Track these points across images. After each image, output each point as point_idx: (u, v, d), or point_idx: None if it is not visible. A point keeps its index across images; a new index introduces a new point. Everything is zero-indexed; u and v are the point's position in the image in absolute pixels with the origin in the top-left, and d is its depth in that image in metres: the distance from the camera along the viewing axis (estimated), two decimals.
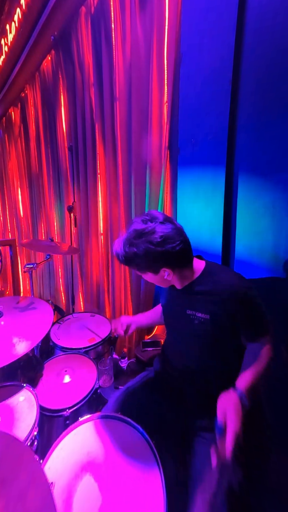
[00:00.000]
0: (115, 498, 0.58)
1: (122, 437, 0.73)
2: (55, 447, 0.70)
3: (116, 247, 0.74)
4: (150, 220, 0.71)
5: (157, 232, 0.68)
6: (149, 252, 0.69)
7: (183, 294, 0.83)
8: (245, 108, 0.95)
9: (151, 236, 0.68)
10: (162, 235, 0.68)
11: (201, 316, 0.77)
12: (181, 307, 0.83)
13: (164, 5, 1.19)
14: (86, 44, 1.70)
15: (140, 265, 0.75)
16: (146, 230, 0.69)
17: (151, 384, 0.96)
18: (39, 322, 1.05)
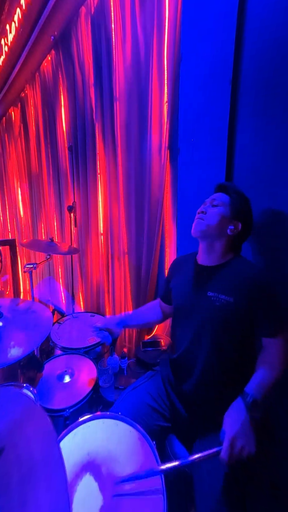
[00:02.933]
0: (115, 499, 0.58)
1: (122, 437, 0.73)
2: None
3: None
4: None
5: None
6: (248, 202, 0.82)
7: (208, 273, 0.83)
8: (245, 108, 0.95)
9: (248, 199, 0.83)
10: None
11: (224, 298, 0.76)
12: (202, 288, 0.82)
13: (164, 5, 1.19)
14: (86, 44, 1.70)
15: (235, 200, 0.82)
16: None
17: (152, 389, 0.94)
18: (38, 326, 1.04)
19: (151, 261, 1.46)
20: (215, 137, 1.04)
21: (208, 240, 0.83)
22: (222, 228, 0.80)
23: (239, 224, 0.80)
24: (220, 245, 0.82)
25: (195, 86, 1.09)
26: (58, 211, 2.41)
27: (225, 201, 0.82)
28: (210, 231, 0.81)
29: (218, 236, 0.81)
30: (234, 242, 0.83)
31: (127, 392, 0.96)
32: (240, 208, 0.81)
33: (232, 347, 0.78)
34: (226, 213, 0.80)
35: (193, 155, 1.15)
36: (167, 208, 1.41)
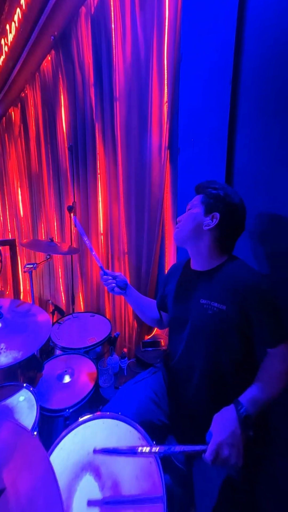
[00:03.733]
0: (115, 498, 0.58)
1: (122, 437, 0.73)
2: (55, 447, 0.70)
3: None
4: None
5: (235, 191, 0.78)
6: (223, 189, 0.77)
7: (200, 279, 0.80)
8: (245, 108, 0.95)
9: (229, 188, 0.78)
10: (236, 195, 0.78)
11: (217, 306, 0.73)
12: (195, 295, 0.79)
13: (164, 5, 1.19)
14: (86, 44, 1.70)
15: (207, 193, 0.78)
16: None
17: (155, 384, 0.94)
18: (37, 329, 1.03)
19: (151, 261, 1.46)
20: (215, 137, 1.04)
21: (189, 244, 0.82)
22: (198, 227, 0.77)
23: (216, 214, 0.75)
24: (205, 246, 0.78)
25: (195, 86, 1.09)
26: (58, 211, 2.41)
27: (198, 201, 0.80)
28: (186, 235, 0.80)
29: (197, 237, 0.78)
30: (220, 239, 0.77)
31: (129, 385, 0.95)
32: (214, 200, 0.76)
33: (227, 356, 0.75)
34: (198, 211, 0.78)
35: (193, 155, 1.15)
36: (167, 208, 1.41)
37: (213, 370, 0.77)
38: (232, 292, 0.71)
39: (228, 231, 0.78)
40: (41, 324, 1.07)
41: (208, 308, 0.75)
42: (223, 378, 0.76)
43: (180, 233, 0.82)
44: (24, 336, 0.97)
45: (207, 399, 0.79)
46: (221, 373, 0.76)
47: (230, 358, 0.75)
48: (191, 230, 0.78)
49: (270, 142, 0.89)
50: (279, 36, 0.83)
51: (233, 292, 0.71)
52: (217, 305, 0.73)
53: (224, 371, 0.76)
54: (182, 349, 0.85)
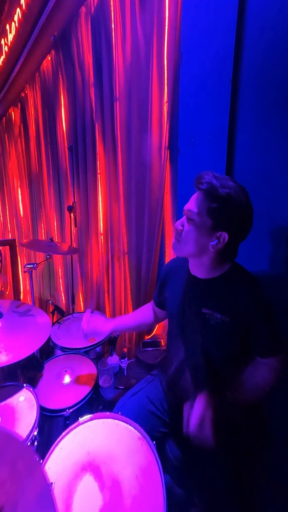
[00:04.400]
0: (115, 498, 0.58)
1: (122, 437, 0.73)
2: (55, 447, 0.70)
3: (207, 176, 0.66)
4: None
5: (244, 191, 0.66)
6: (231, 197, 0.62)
7: (201, 287, 0.76)
8: (245, 108, 0.95)
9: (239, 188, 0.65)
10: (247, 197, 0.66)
11: (220, 317, 0.70)
12: (196, 303, 0.76)
13: (164, 5, 1.19)
14: (86, 44, 1.70)
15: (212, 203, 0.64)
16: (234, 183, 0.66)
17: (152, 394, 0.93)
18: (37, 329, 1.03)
19: (151, 261, 1.46)
20: (215, 137, 1.04)
21: (192, 258, 0.76)
22: (202, 247, 0.69)
23: (224, 234, 0.65)
24: (208, 259, 0.71)
25: (195, 86, 1.09)
26: (58, 211, 2.41)
27: (202, 211, 0.66)
28: (187, 254, 0.73)
29: (201, 254, 0.71)
30: (225, 253, 0.71)
31: (127, 398, 0.95)
32: (224, 216, 0.64)
33: (227, 364, 0.75)
34: (203, 228, 0.66)
35: (193, 155, 1.15)
36: (167, 208, 1.41)
37: (213, 377, 0.77)
38: (235, 304, 0.69)
39: (236, 244, 0.71)
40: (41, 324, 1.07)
41: (210, 318, 0.72)
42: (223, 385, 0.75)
43: (179, 251, 0.74)
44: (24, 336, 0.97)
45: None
46: (222, 380, 0.76)
47: (230, 364, 0.75)
48: (193, 250, 0.70)
49: (270, 142, 0.89)
50: (279, 36, 0.83)
51: (237, 304, 0.69)
52: (220, 316, 0.71)
53: (224, 378, 0.76)
54: (182, 355, 0.84)
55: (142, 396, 0.93)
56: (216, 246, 0.67)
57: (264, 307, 0.68)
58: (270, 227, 0.92)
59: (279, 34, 0.83)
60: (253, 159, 0.95)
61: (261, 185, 0.93)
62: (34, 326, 1.06)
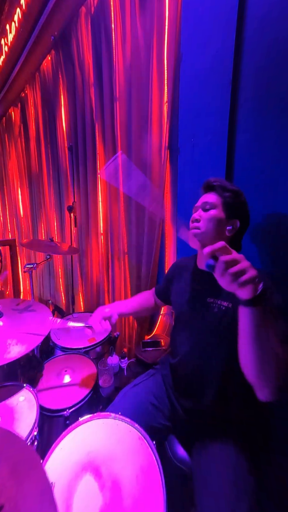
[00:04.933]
0: (115, 498, 0.58)
1: (122, 437, 0.73)
2: (55, 447, 0.70)
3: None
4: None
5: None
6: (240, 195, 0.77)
7: (207, 279, 0.79)
8: (245, 108, 0.95)
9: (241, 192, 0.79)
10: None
11: (223, 304, 0.74)
12: (202, 294, 0.80)
13: (164, 5, 1.19)
14: (86, 44, 1.70)
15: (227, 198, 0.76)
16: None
17: (154, 386, 0.94)
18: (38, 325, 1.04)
19: (151, 261, 1.46)
20: (215, 137, 1.04)
21: (206, 246, 0.80)
22: (220, 231, 0.76)
23: (236, 222, 0.77)
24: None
25: (195, 86, 1.09)
26: (58, 211, 2.41)
27: (217, 202, 0.77)
28: (207, 239, 0.77)
29: (217, 240, 0.75)
30: (233, 241, 0.80)
31: (128, 389, 0.96)
32: (235, 205, 0.77)
33: (232, 353, 0.74)
34: (220, 215, 0.76)
35: (193, 155, 1.15)
36: (167, 208, 1.41)
37: (219, 366, 0.77)
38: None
39: (241, 235, 0.81)
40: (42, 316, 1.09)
41: (214, 306, 0.76)
42: (229, 374, 0.76)
43: (202, 235, 0.77)
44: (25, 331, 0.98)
45: (214, 395, 0.78)
46: (228, 369, 0.76)
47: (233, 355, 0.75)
48: (212, 233, 0.76)
49: (270, 142, 0.89)
50: (279, 36, 0.83)
51: None
52: (223, 303, 0.74)
53: (230, 367, 0.75)
54: (187, 347, 0.85)
55: (143, 387, 0.94)
56: (231, 231, 0.77)
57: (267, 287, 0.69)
58: (270, 226, 0.92)
59: (279, 34, 0.83)
60: (253, 159, 0.95)
61: (261, 185, 0.93)
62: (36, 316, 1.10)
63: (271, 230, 0.92)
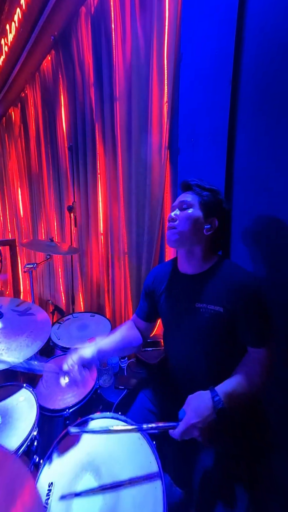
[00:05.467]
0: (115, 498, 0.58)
1: (122, 437, 0.73)
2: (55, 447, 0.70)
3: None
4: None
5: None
6: (217, 194, 0.78)
7: (193, 283, 0.79)
8: (245, 108, 0.95)
9: (219, 191, 0.80)
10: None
11: (213, 308, 0.72)
12: (189, 300, 0.78)
13: (164, 5, 1.19)
14: (86, 44, 1.70)
15: (204, 197, 0.76)
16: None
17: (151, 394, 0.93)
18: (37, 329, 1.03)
19: (151, 261, 1.46)
20: (215, 137, 1.04)
21: (185, 247, 0.78)
22: (197, 230, 0.75)
23: (215, 220, 0.76)
24: (200, 249, 0.77)
25: (195, 86, 1.09)
26: (58, 211, 2.41)
27: (194, 202, 0.76)
28: (185, 238, 0.75)
29: (195, 241, 0.76)
30: (214, 242, 0.79)
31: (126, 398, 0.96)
32: (212, 204, 0.76)
33: (224, 356, 0.76)
34: (197, 214, 0.75)
35: (193, 155, 1.15)
36: (167, 208, 1.41)
37: (212, 369, 0.78)
38: (228, 294, 0.71)
39: (221, 234, 0.80)
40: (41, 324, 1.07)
41: (204, 311, 0.74)
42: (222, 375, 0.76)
43: (176, 235, 0.76)
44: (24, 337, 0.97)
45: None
46: (220, 371, 0.76)
47: (228, 356, 0.76)
48: (189, 233, 0.75)
49: (270, 142, 0.89)
50: (279, 36, 0.83)
51: (229, 293, 0.71)
52: (213, 308, 0.73)
53: (222, 369, 0.76)
54: (180, 353, 0.85)
55: (141, 396, 0.93)
56: (209, 229, 0.76)
57: (254, 292, 0.70)
58: (269, 226, 0.92)
59: (280, 34, 0.83)
60: (253, 159, 0.95)
61: (261, 185, 0.93)
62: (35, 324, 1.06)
63: (270, 231, 0.92)
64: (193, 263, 0.79)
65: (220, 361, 0.77)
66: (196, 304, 0.76)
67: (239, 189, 1.01)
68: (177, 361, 0.88)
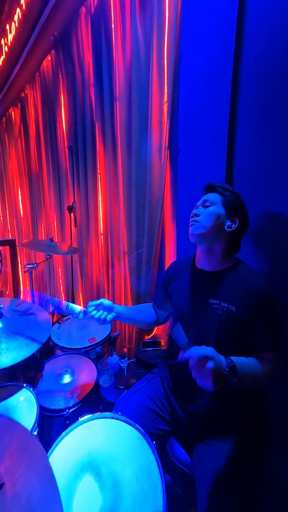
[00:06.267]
0: (115, 498, 0.58)
1: (122, 437, 0.73)
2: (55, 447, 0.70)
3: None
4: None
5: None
6: (239, 196, 0.81)
7: (209, 279, 0.80)
8: (245, 108, 0.95)
9: (239, 193, 0.83)
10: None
11: (227, 306, 0.74)
12: (204, 295, 0.79)
13: (164, 5, 1.19)
14: (86, 44, 1.70)
15: (226, 197, 0.80)
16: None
17: (152, 392, 0.93)
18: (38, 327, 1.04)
19: (151, 261, 1.46)
20: (215, 137, 1.04)
21: (207, 243, 0.80)
22: (219, 227, 0.78)
23: (236, 219, 0.79)
24: (220, 247, 0.79)
25: (195, 86, 1.09)
26: (58, 211, 2.41)
27: (217, 200, 0.80)
28: (207, 233, 0.78)
29: (216, 236, 0.78)
30: (234, 241, 0.81)
31: (127, 396, 0.95)
32: (234, 203, 0.79)
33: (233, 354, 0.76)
34: (220, 211, 0.78)
35: (193, 155, 1.15)
36: (167, 208, 1.41)
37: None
38: (242, 295, 0.73)
39: (241, 235, 0.82)
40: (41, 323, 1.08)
41: (217, 308, 0.75)
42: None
43: (199, 229, 0.78)
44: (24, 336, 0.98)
45: (214, 397, 0.79)
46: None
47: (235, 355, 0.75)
48: (212, 228, 0.77)
49: (270, 142, 0.89)
50: (279, 36, 0.83)
51: (245, 295, 0.72)
52: (227, 306, 0.74)
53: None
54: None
55: (142, 394, 0.93)
56: (230, 226, 0.78)
57: (269, 298, 0.71)
58: (270, 226, 0.92)
59: (280, 33, 0.83)
60: (253, 159, 0.95)
61: (261, 185, 0.93)
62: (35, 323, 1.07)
63: (271, 230, 0.92)
64: (212, 260, 0.82)
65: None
66: (210, 299, 0.78)
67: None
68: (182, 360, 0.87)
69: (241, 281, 0.75)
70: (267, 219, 0.92)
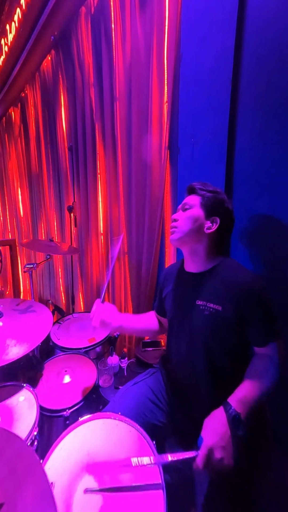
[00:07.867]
0: (115, 498, 0.58)
1: (122, 437, 0.73)
2: (55, 447, 0.70)
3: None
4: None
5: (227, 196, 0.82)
6: (219, 194, 0.79)
7: (195, 281, 0.80)
8: (245, 108, 0.95)
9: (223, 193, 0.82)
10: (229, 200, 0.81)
11: (213, 306, 0.74)
12: (191, 296, 0.80)
13: (164, 5, 1.19)
14: (86, 44, 1.70)
15: (205, 197, 0.79)
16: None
17: (154, 385, 0.94)
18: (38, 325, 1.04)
19: (151, 261, 1.46)
20: (215, 137, 1.04)
21: (188, 246, 0.81)
22: (198, 229, 0.77)
23: (216, 219, 0.77)
24: (203, 248, 0.79)
25: (195, 86, 1.09)
26: (58, 211, 2.41)
27: (195, 202, 0.79)
28: (186, 237, 0.78)
29: (196, 239, 0.78)
30: (218, 241, 0.80)
31: (128, 387, 0.96)
32: (214, 204, 0.78)
33: (225, 355, 0.76)
34: (198, 213, 0.78)
35: (193, 155, 1.15)
36: (167, 208, 1.41)
37: (212, 367, 0.77)
38: (227, 293, 0.72)
39: (225, 234, 0.82)
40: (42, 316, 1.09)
41: (204, 309, 0.76)
42: (222, 375, 0.77)
43: (177, 234, 0.79)
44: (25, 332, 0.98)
45: (208, 397, 0.79)
46: (220, 370, 0.77)
47: (228, 355, 0.76)
48: (190, 232, 0.78)
49: (270, 142, 0.89)
50: (279, 36, 0.83)
51: (228, 293, 0.72)
52: (213, 306, 0.74)
53: (223, 368, 0.77)
54: (182, 350, 0.85)
55: (143, 385, 0.94)
56: (211, 227, 0.77)
57: (257, 292, 0.70)
58: (270, 226, 0.92)
59: (280, 33, 0.83)
60: (253, 159, 0.95)
61: (262, 185, 0.93)
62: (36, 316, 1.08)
63: (271, 230, 0.92)
64: (196, 261, 0.82)
65: (220, 360, 0.77)
66: (196, 301, 0.78)
67: (239, 189, 1.01)
68: (178, 360, 0.88)
69: (225, 279, 0.74)
70: (267, 219, 0.92)
